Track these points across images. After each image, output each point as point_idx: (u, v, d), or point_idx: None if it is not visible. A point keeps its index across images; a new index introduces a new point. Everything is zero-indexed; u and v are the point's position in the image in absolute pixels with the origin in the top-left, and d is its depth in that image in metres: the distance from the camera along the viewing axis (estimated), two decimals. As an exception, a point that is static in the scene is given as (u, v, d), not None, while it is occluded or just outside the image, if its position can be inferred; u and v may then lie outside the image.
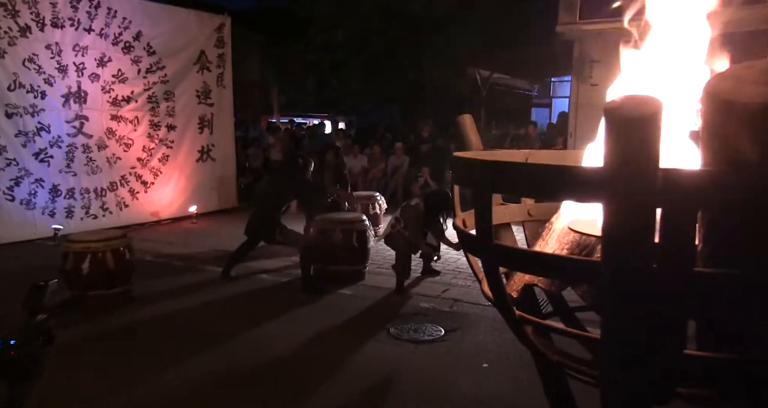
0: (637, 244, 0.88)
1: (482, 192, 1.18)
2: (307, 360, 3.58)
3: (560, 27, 9.22)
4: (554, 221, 1.62)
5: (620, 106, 0.81)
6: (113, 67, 7.52)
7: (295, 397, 3.09)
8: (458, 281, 5.34)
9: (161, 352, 3.66)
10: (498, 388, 3.20)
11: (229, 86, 9.26)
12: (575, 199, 1.29)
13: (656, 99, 0.80)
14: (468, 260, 1.64)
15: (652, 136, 0.79)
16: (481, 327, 4.13)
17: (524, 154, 1.77)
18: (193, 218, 8.41)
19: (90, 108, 7.33)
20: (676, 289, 0.92)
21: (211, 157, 9.07)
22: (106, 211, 7.59)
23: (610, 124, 0.83)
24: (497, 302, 1.30)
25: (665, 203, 0.86)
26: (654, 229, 0.88)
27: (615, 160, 0.83)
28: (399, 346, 3.81)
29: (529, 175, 1.02)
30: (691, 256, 0.92)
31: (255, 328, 4.08)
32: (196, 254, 6.35)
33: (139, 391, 3.13)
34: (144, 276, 5.07)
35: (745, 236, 0.95)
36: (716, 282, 0.93)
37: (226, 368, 3.42)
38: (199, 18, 8.67)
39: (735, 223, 0.94)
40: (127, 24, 7.59)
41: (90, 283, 4.36)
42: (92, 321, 4.17)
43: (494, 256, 1.22)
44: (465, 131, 1.84)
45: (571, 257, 1.24)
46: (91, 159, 7.41)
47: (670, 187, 0.83)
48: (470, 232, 1.32)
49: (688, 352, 1.02)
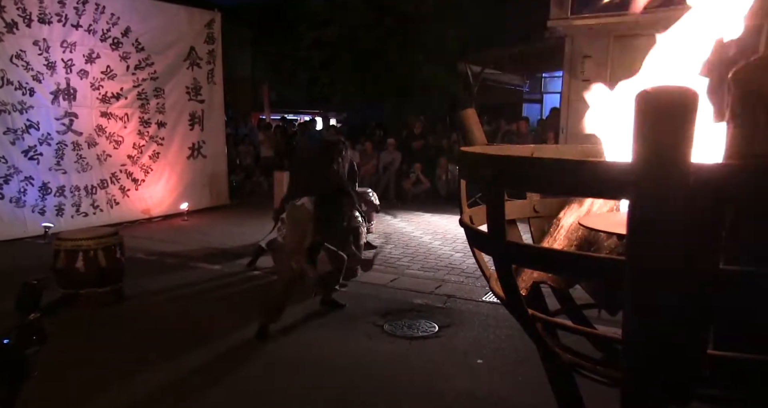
0: (666, 242, 0.85)
1: (494, 188, 1.15)
2: (301, 356, 3.55)
3: (551, 22, 9.21)
4: (562, 217, 1.59)
5: (653, 94, 0.77)
6: (102, 64, 7.40)
7: (288, 394, 3.06)
8: (452, 277, 5.33)
9: (153, 350, 3.61)
10: (492, 384, 3.19)
11: (220, 83, 9.18)
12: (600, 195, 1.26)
13: (692, 89, 0.78)
14: (475, 257, 1.61)
15: (687, 128, 0.76)
16: (474, 323, 4.12)
17: (530, 149, 1.75)
18: (184, 215, 8.34)
19: (79, 105, 7.22)
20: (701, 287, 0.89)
21: (202, 154, 8.99)
22: (96, 208, 7.49)
23: (641, 116, 0.79)
24: (509, 300, 1.27)
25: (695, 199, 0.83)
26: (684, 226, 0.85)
27: (646, 153, 0.80)
28: (393, 342, 3.79)
29: (549, 171, 0.99)
30: (719, 253, 0.90)
31: (248, 325, 4.03)
32: (187, 252, 6.28)
33: (130, 390, 3.09)
34: (135, 274, 5.01)
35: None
36: (741, 280, 0.91)
37: (219, 366, 3.39)
38: (188, 14, 8.56)
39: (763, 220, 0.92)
40: (115, 20, 7.47)
41: (81, 281, 4.30)
42: (83, 319, 4.11)
43: (508, 253, 1.19)
44: (469, 126, 1.81)
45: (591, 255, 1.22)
46: (81, 156, 7.30)
47: (700, 181, 0.80)
48: (480, 229, 1.29)
49: (711, 352, 0.99)
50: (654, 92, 0.78)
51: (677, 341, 0.95)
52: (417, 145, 10.71)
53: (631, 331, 0.98)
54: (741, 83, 0.86)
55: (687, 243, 0.86)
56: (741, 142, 0.89)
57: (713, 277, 0.88)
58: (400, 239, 7.05)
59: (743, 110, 0.87)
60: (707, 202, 0.82)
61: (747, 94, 0.85)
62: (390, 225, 8.00)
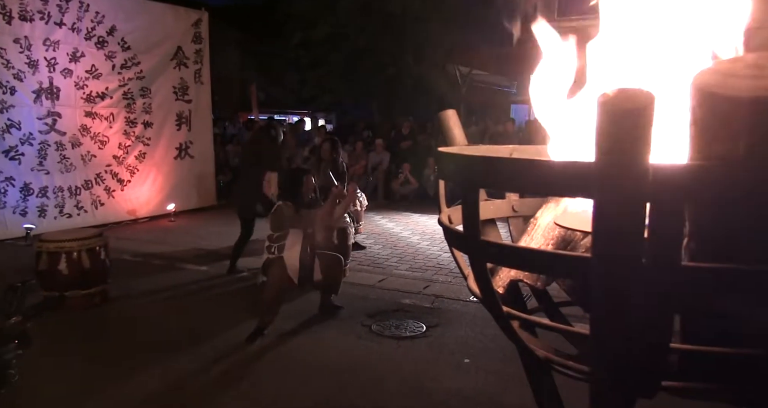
0: (627, 239, 0.88)
1: (469, 187, 1.17)
2: (289, 357, 3.55)
3: (538, 24, 9.28)
4: (539, 217, 1.62)
5: (612, 98, 0.80)
6: (86, 63, 7.34)
7: (276, 395, 3.06)
8: (439, 277, 5.36)
9: (138, 352, 3.59)
10: (480, 382, 3.22)
11: (207, 82, 9.14)
12: (565, 194, 1.29)
13: (648, 92, 0.80)
14: (453, 257, 1.63)
15: (643, 128, 0.79)
16: (462, 322, 4.15)
17: (509, 150, 1.77)
18: (171, 216, 8.30)
19: (63, 104, 7.15)
20: (664, 283, 0.92)
21: (189, 154, 8.94)
22: (81, 209, 7.42)
23: (601, 117, 0.82)
24: (484, 298, 1.30)
25: (654, 198, 0.86)
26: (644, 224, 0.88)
27: (605, 153, 0.83)
28: (381, 342, 3.80)
29: (518, 170, 1.01)
30: (679, 250, 0.93)
31: (236, 326, 4.03)
32: (174, 253, 6.25)
33: (115, 393, 3.07)
34: (121, 276, 4.98)
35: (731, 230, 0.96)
36: (703, 275, 0.94)
37: (206, 368, 3.38)
38: (175, 13, 8.52)
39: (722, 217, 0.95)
40: (100, 18, 7.41)
41: (65, 283, 4.27)
42: (67, 322, 4.08)
43: (482, 252, 1.21)
44: (449, 126, 1.83)
45: (560, 253, 1.24)
46: (65, 157, 7.23)
47: (659, 181, 0.83)
48: (456, 229, 1.31)
49: (674, 345, 1.02)
50: (612, 95, 0.80)
51: (641, 335, 0.98)
52: (405, 145, 10.75)
53: (597, 326, 1.01)
54: (700, 88, 0.89)
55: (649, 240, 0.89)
56: (701, 144, 0.92)
57: (675, 273, 0.91)
58: (388, 239, 7.08)
59: (703, 114, 0.90)
60: (667, 201, 0.85)
61: (705, 98, 0.89)
62: (378, 225, 8.02)
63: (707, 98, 0.89)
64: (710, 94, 0.88)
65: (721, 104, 0.87)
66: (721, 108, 0.87)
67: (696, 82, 0.90)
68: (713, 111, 0.88)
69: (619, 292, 0.93)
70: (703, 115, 0.91)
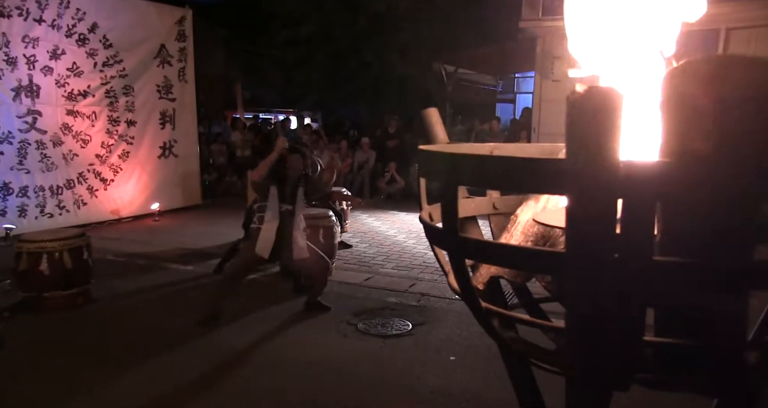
0: (599, 235, 0.89)
1: (447, 184, 1.19)
2: (274, 357, 3.54)
3: (523, 23, 9.36)
4: (519, 214, 1.64)
5: (582, 97, 0.82)
6: (67, 60, 7.22)
7: (261, 395, 3.06)
8: (425, 276, 5.38)
9: (122, 353, 3.56)
10: (465, 380, 3.24)
11: (192, 81, 9.05)
12: (540, 191, 1.32)
13: (617, 91, 0.82)
14: (435, 254, 1.65)
15: (612, 127, 0.81)
16: (448, 321, 4.18)
17: (490, 148, 1.79)
18: (155, 216, 8.23)
19: (43, 102, 7.03)
20: (635, 278, 0.94)
21: (173, 153, 8.86)
22: (62, 209, 7.31)
23: (571, 116, 0.84)
24: (463, 294, 1.32)
25: (625, 194, 0.88)
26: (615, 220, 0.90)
27: (576, 151, 0.84)
28: (367, 341, 3.81)
29: (494, 168, 1.03)
30: (650, 245, 0.95)
31: (220, 327, 4.01)
32: (159, 253, 6.20)
33: (99, 394, 3.04)
34: (105, 276, 4.93)
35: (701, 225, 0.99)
36: (673, 270, 0.96)
37: (191, 368, 3.36)
38: (158, 10, 8.42)
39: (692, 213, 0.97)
40: (81, 15, 7.30)
41: (45, 284, 4.21)
42: (47, 323, 4.04)
43: (460, 248, 1.23)
44: (431, 124, 1.85)
45: (535, 248, 1.26)
46: (46, 156, 7.11)
47: (629, 178, 0.85)
48: (436, 226, 1.33)
49: (646, 338, 1.05)
50: (582, 93, 0.82)
51: (614, 329, 1.00)
52: (391, 144, 10.77)
53: (571, 321, 1.03)
54: (669, 85, 0.91)
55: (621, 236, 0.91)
56: (671, 140, 0.95)
57: (646, 267, 0.93)
58: (374, 238, 7.09)
59: (672, 113, 0.93)
60: (638, 197, 0.87)
61: (674, 95, 0.91)
62: (364, 224, 8.03)
63: (676, 97, 0.91)
64: (679, 94, 0.90)
65: (689, 103, 0.89)
66: (689, 107, 0.90)
67: (665, 82, 0.92)
68: (682, 110, 0.91)
69: (593, 287, 0.95)
70: (672, 113, 0.93)
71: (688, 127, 0.91)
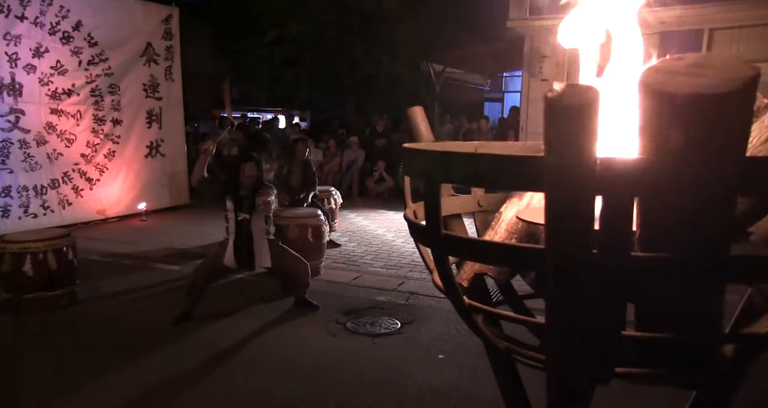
0: (577, 231, 0.91)
1: (430, 182, 1.19)
2: (263, 356, 3.54)
3: (510, 22, 9.41)
4: (503, 211, 1.66)
5: (559, 95, 0.83)
6: (51, 58, 7.14)
7: (249, 394, 3.05)
8: (414, 274, 5.39)
9: (107, 353, 3.54)
10: (453, 377, 3.26)
11: (179, 80, 8.99)
12: (519, 188, 1.33)
13: (594, 88, 0.83)
14: (419, 252, 1.66)
15: (589, 124, 0.82)
16: (436, 319, 4.19)
17: (474, 146, 1.80)
18: (142, 216, 8.17)
19: (26, 101, 6.94)
20: (614, 273, 0.96)
21: (160, 152, 8.80)
22: (47, 209, 7.23)
23: (549, 113, 0.85)
24: (447, 291, 1.33)
25: (603, 191, 0.89)
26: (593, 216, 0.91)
27: (554, 148, 0.86)
28: (356, 340, 3.82)
29: (475, 165, 1.04)
30: (629, 241, 0.96)
31: (208, 326, 4.00)
32: (145, 252, 6.15)
33: (83, 395, 3.01)
34: (90, 276, 4.89)
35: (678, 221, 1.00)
36: (651, 265, 0.97)
37: (178, 368, 3.34)
38: (144, 8, 8.35)
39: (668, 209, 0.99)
40: (65, 13, 7.22)
41: (29, 285, 4.17)
42: (31, 325, 3.99)
43: (442, 245, 1.24)
44: (416, 123, 1.86)
45: (515, 245, 1.27)
46: (29, 155, 7.02)
47: (607, 175, 0.86)
48: (420, 223, 1.34)
49: (626, 333, 1.06)
50: (559, 91, 0.83)
51: (594, 324, 1.02)
52: (380, 143, 10.77)
53: (551, 316, 1.04)
54: (645, 85, 0.93)
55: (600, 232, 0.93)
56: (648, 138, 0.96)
57: (625, 263, 0.95)
58: (363, 237, 7.09)
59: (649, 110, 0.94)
60: (615, 194, 0.89)
61: (651, 95, 0.92)
62: (353, 223, 8.03)
63: (652, 95, 0.93)
64: (655, 91, 0.92)
65: (665, 101, 0.91)
66: (665, 104, 0.91)
67: (642, 80, 0.94)
68: (658, 107, 0.92)
69: (572, 282, 0.97)
70: (649, 111, 0.94)
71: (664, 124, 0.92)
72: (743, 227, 1.19)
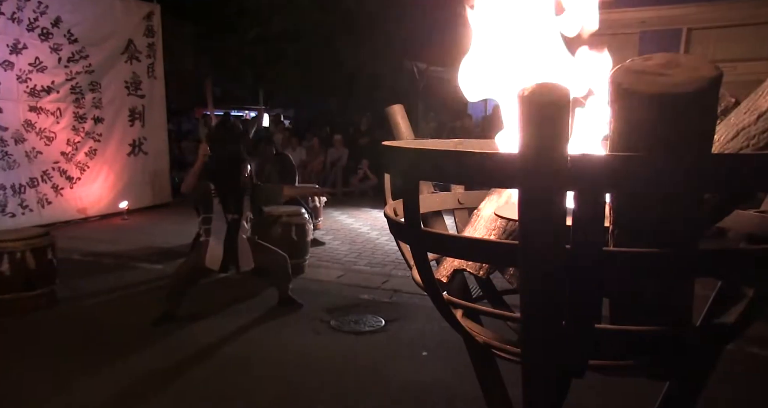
0: (550, 227, 0.93)
1: (407, 179, 1.21)
2: (247, 355, 3.53)
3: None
4: (482, 208, 1.68)
5: (530, 92, 0.85)
6: (29, 55, 7.02)
7: (233, 393, 3.05)
8: (398, 272, 5.42)
9: (88, 354, 3.50)
10: (437, 374, 3.28)
11: (161, 77, 8.91)
12: (493, 185, 1.35)
13: (563, 86, 0.85)
14: (400, 249, 1.67)
15: (560, 121, 0.84)
16: (420, 316, 4.22)
17: (455, 143, 1.82)
18: (124, 214, 8.08)
19: (4, 98, 6.83)
20: (587, 268, 0.98)
21: (143, 150, 8.71)
22: (25, 208, 7.11)
23: (520, 111, 0.87)
24: (426, 287, 1.34)
25: (575, 187, 0.91)
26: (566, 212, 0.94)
27: (526, 145, 0.88)
28: (340, 337, 3.83)
29: (450, 163, 1.06)
30: (601, 236, 0.99)
31: (191, 325, 3.98)
32: (127, 251, 6.09)
33: (63, 398, 2.98)
34: (70, 276, 4.82)
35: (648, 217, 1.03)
36: (623, 259, 1.00)
37: (160, 368, 3.32)
38: (125, 5, 8.26)
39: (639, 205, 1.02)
40: (43, 9, 7.10)
41: (7, 285, 4.10)
42: (9, 326, 3.93)
43: (421, 241, 1.25)
44: (395, 121, 1.87)
45: (490, 240, 1.30)
46: (7, 153, 6.91)
47: (578, 171, 0.89)
48: (399, 220, 1.35)
49: (599, 326, 1.09)
50: (531, 89, 0.85)
51: (568, 318, 1.04)
52: (364, 141, 10.78)
53: (525, 310, 1.06)
54: (616, 84, 0.95)
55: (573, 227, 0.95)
56: (619, 136, 0.99)
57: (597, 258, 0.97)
58: (347, 235, 7.09)
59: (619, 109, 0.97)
60: (586, 190, 0.91)
61: (621, 94, 0.95)
62: (337, 221, 8.03)
63: (622, 94, 0.95)
64: (624, 90, 0.94)
65: (634, 99, 0.93)
66: (634, 103, 0.94)
67: (613, 79, 0.96)
68: (628, 106, 0.95)
69: (545, 277, 0.99)
70: (619, 109, 0.97)
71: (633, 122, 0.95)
72: (711, 223, 1.23)
